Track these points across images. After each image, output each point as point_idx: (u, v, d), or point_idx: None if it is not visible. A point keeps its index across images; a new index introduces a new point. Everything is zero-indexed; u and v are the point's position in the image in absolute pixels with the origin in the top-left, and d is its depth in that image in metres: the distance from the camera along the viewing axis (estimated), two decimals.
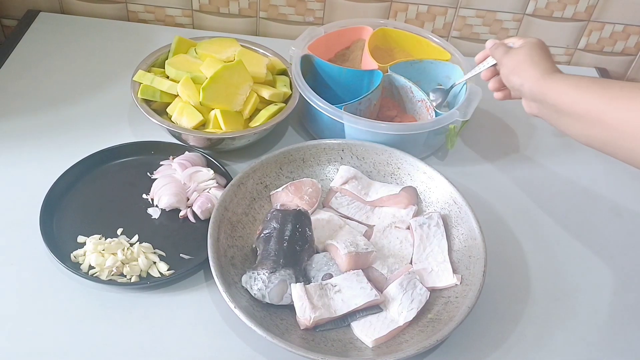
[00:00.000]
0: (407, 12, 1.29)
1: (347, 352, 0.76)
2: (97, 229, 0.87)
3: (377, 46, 1.14)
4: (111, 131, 1.04)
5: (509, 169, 1.07)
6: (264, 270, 0.78)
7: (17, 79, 1.13)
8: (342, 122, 0.97)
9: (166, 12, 1.32)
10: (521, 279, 0.90)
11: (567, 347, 0.82)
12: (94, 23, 1.29)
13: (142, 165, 0.97)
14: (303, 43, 1.09)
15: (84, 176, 0.94)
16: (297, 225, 0.81)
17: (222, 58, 1.05)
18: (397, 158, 0.96)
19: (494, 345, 0.81)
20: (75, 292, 0.81)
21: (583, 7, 1.26)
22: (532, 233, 0.97)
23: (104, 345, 0.76)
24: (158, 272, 0.84)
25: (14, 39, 1.22)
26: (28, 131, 1.03)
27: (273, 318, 0.78)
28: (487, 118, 1.16)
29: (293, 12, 1.30)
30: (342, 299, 0.78)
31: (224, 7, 1.30)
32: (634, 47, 1.32)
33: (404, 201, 0.92)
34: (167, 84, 1.00)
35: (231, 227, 0.87)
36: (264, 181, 0.94)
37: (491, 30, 1.31)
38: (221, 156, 1.01)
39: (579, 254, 0.94)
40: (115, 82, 1.14)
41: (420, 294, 0.81)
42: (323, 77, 1.09)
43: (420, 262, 0.86)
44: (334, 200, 0.94)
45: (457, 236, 0.89)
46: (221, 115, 0.97)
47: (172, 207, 0.91)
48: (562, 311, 0.86)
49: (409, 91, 1.06)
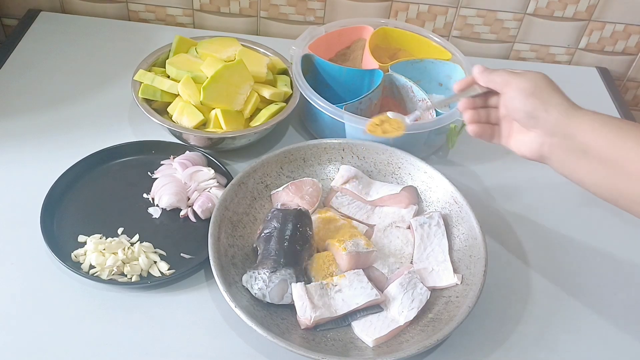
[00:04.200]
0: (408, 12, 1.29)
1: (348, 352, 0.76)
2: (98, 229, 0.87)
3: (377, 45, 1.14)
4: (112, 130, 1.04)
5: (510, 168, 1.07)
6: (265, 270, 0.78)
7: (17, 79, 1.13)
8: (343, 122, 0.97)
9: (167, 11, 1.32)
10: (522, 278, 0.90)
11: (567, 347, 0.82)
12: (95, 22, 1.29)
13: (142, 165, 0.97)
14: (304, 42, 1.09)
15: (84, 176, 0.94)
16: (298, 225, 0.82)
17: (222, 57, 1.05)
18: (398, 157, 0.96)
19: (494, 345, 0.81)
20: (75, 291, 0.81)
21: (584, 6, 1.26)
22: (532, 233, 0.97)
23: (105, 345, 0.76)
24: (159, 272, 0.84)
25: (14, 38, 1.22)
26: (29, 130, 1.03)
27: (273, 317, 0.78)
28: None
29: (294, 12, 1.30)
30: (342, 299, 0.78)
31: (225, 7, 1.30)
32: (634, 47, 1.32)
33: (405, 201, 0.92)
34: (168, 84, 1.00)
35: (232, 226, 0.87)
36: (264, 181, 0.94)
37: (492, 29, 1.31)
38: (222, 156, 1.01)
39: (579, 254, 0.94)
40: (115, 82, 1.14)
41: (421, 293, 0.81)
42: (324, 76, 1.09)
43: (420, 262, 0.86)
44: (335, 200, 0.94)
45: (457, 236, 0.89)
46: (222, 114, 0.97)
47: (173, 206, 0.91)
48: (563, 311, 0.86)
49: (410, 90, 1.06)
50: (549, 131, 0.71)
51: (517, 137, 0.77)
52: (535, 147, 0.74)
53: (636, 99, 1.42)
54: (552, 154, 0.72)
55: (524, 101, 0.72)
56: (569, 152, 0.70)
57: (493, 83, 0.76)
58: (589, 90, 1.27)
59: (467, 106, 0.81)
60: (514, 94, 0.73)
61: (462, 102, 0.80)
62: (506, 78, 0.75)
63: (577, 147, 0.69)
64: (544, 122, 0.71)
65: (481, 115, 0.80)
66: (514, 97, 0.74)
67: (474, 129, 0.80)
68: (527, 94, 0.72)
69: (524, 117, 0.73)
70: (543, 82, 0.73)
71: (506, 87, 0.75)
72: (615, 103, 1.24)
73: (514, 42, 1.33)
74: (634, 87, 1.40)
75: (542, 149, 0.73)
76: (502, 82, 0.75)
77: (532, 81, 0.73)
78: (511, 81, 0.74)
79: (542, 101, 0.71)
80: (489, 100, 0.80)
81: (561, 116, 0.70)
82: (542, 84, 0.72)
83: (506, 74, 0.75)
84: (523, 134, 0.75)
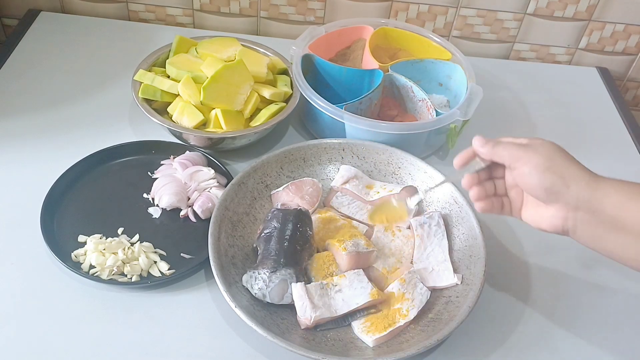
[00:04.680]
0: (408, 12, 1.29)
1: (348, 352, 0.76)
2: (98, 229, 0.87)
3: (377, 45, 1.14)
4: (112, 130, 1.04)
5: None
6: (265, 270, 0.78)
7: (17, 79, 1.13)
8: (343, 122, 0.97)
9: (167, 11, 1.32)
10: (522, 278, 0.90)
11: (567, 347, 0.82)
12: (95, 22, 1.29)
13: (142, 165, 0.97)
14: (304, 42, 1.09)
15: (84, 176, 0.94)
16: (298, 225, 0.82)
17: (222, 57, 1.05)
18: (398, 157, 0.96)
19: (494, 345, 0.81)
20: (75, 291, 0.81)
21: (584, 6, 1.26)
22: (532, 232, 0.95)
23: (105, 345, 0.76)
24: (159, 272, 0.84)
25: (14, 38, 1.22)
26: (29, 131, 1.03)
27: (274, 317, 0.78)
28: (488, 118, 1.16)
29: (294, 12, 1.30)
30: (342, 299, 0.78)
31: (225, 7, 1.30)
32: (634, 47, 1.32)
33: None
34: (168, 84, 1.00)
35: (232, 226, 0.87)
36: (264, 180, 0.94)
37: (492, 29, 1.31)
38: (222, 155, 1.01)
39: (580, 254, 0.94)
40: (116, 82, 1.14)
41: (421, 293, 0.81)
42: (324, 76, 1.09)
43: (420, 262, 0.86)
44: (335, 200, 0.94)
45: (457, 236, 0.89)
46: (222, 114, 0.97)
47: (173, 206, 0.91)
48: (563, 311, 0.86)
49: (410, 90, 1.06)
50: (573, 206, 0.66)
51: (535, 211, 0.72)
52: (557, 223, 0.69)
53: (636, 99, 1.42)
54: (577, 228, 0.68)
55: (540, 177, 0.67)
56: (596, 227, 0.66)
57: (499, 157, 0.70)
58: (589, 90, 1.27)
59: (472, 182, 0.74)
60: (528, 170, 0.68)
61: (466, 178, 0.74)
62: (514, 153, 0.69)
63: (604, 220, 0.65)
64: (566, 197, 0.66)
65: (487, 189, 0.74)
66: (528, 174, 0.68)
67: (483, 206, 0.74)
68: (542, 169, 0.67)
69: (542, 194, 0.68)
70: (557, 155, 0.68)
71: (517, 162, 0.69)
72: (615, 103, 1.24)
73: (514, 42, 1.33)
74: (634, 87, 1.40)
75: (566, 224, 0.68)
76: (511, 157, 0.69)
77: (544, 155, 0.67)
78: (522, 156, 0.68)
79: (560, 176, 0.66)
80: (493, 172, 0.75)
81: (584, 190, 0.65)
82: (556, 157, 0.67)
83: (514, 148, 0.69)
84: (542, 208, 0.70)
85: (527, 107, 1.20)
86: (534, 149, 0.68)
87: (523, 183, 0.69)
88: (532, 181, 0.68)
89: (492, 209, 0.75)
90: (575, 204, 0.66)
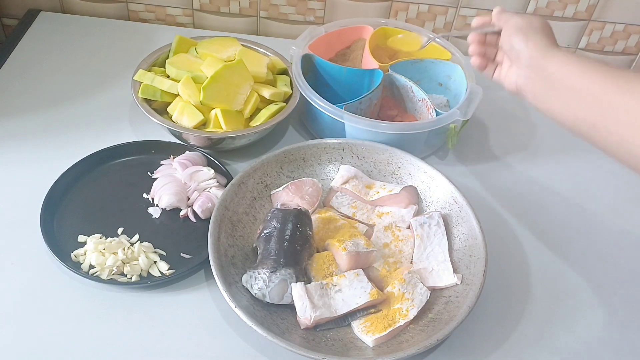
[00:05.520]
0: (408, 12, 1.29)
1: (348, 352, 0.76)
2: (98, 229, 0.87)
3: (377, 45, 1.14)
4: (112, 130, 1.04)
5: (510, 168, 1.07)
6: (265, 270, 0.78)
7: (17, 79, 1.13)
8: (343, 122, 0.97)
9: (167, 11, 1.32)
10: (522, 278, 0.90)
11: (567, 347, 0.82)
12: (95, 22, 1.29)
13: (142, 165, 0.97)
14: (304, 42, 1.09)
15: (84, 176, 0.94)
16: (298, 225, 0.82)
17: (222, 57, 1.05)
18: (398, 157, 0.96)
19: (494, 345, 0.81)
20: (75, 291, 0.81)
21: (584, 6, 1.26)
22: (532, 232, 0.97)
23: (105, 345, 0.76)
24: (158, 272, 0.84)
25: (14, 38, 1.22)
26: (28, 131, 1.03)
27: (273, 317, 0.78)
28: (487, 117, 1.16)
29: (294, 12, 1.30)
30: (342, 299, 0.78)
31: (225, 7, 1.30)
32: (634, 47, 1.32)
33: (405, 200, 0.92)
34: (168, 84, 1.00)
35: (232, 226, 0.87)
36: (264, 180, 0.94)
37: None
38: (222, 155, 1.01)
39: (580, 254, 0.94)
40: (115, 82, 1.14)
41: (421, 293, 0.81)
42: (324, 76, 1.09)
43: (420, 262, 0.86)
44: (335, 200, 0.94)
45: (457, 236, 0.89)
46: (222, 114, 0.97)
47: (173, 206, 0.91)
48: (563, 311, 0.86)
49: (410, 90, 1.06)
50: (525, 65, 0.75)
51: (506, 72, 0.81)
52: (513, 80, 0.78)
53: None
54: (525, 85, 0.76)
55: (511, 34, 0.78)
56: (541, 84, 0.74)
57: (497, 19, 0.82)
58: None
59: (474, 39, 0.85)
60: (508, 29, 0.79)
61: (472, 35, 0.85)
62: (509, 16, 0.80)
63: (547, 79, 0.73)
64: (523, 56, 0.76)
65: (488, 53, 0.85)
66: (505, 31, 0.79)
67: (477, 60, 0.86)
68: (516, 28, 0.77)
69: (508, 50, 0.79)
70: (536, 23, 0.77)
71: (506, 23, 0.80)
72: None
73: None
74: None
75: (518, 81, 0.77)
76: (505, 19, 0.80)
77: (527, 20, 0.78)
78: (509, 18, 0.80)
79: (526, 37, 0.76)
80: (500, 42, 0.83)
81: (538, 51, 0.74)
82: (535, 24, 0.77)
83: (513, 13, 0.80)
84: (510, 69, 0.80)
85: (527, 107, 1.20)
86: (523, 16, 0.79)
87: (502, 40, 0.80)
88: (504, 36, 0.79)
89: (482, 67, 0.86)
90: (528, 62, 0.75)
